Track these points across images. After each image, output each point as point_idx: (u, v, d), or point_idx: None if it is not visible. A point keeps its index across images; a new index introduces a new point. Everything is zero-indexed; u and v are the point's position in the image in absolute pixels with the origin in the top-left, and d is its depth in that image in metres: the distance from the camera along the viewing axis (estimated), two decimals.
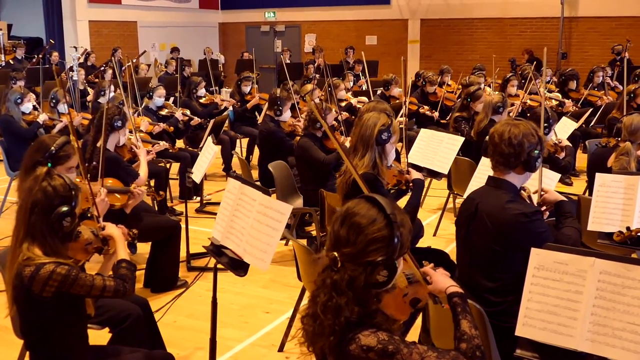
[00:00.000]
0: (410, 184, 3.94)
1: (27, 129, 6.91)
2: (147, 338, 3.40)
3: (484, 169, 4.51)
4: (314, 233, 5.81)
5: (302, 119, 6.63)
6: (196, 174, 5.22)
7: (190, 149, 7.73)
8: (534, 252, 2.44)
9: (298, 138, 5.44)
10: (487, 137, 3.11)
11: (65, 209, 2.51)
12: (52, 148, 3.34)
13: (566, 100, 8.74)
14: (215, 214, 6.68)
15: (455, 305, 2.07)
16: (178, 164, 7.55)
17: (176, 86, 12.15)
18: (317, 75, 10.61)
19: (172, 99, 8.87)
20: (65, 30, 14.45)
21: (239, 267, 3.19)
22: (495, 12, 15.01)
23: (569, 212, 3.09)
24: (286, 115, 6.16)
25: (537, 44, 14.52)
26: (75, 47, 12.29)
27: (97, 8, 14.77)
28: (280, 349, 4.08)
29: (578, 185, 7.66)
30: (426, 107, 8.84)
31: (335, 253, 1.88)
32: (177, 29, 16.57)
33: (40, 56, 12.42)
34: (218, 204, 7.29)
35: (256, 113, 9.27)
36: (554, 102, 8.54)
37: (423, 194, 5.16)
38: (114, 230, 2.81)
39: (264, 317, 4.57)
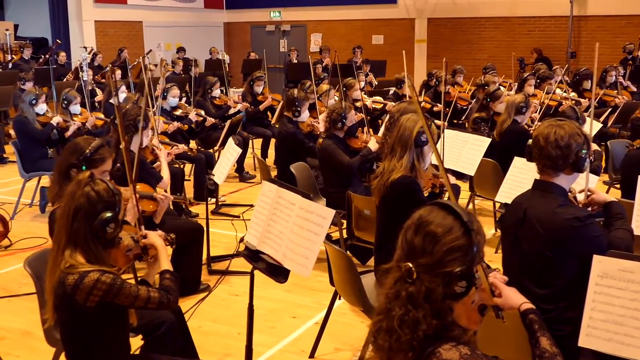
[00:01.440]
0: (445, 189, 3.86)
1: (41, 131, 6.82)
2: (181, 346, 3.31)
3: (517, 171, 4.44)
4: (334, 236, 5.73)
5: (320, 119, 6.56)
6: (218, 176, 5.14)
7: (202, 149, 7.65)
8: (597, 259, 2.36)
9: (321, 140, 5.34)
10: (531, 141, 3.02)
11: (109, 214, 2.43)
12: (87, 151, 3.26)
13: (582, 100, 8.66)
14: (231, 215, 6.72)
15: (532, 322, 1.99)
16: (189, 165, 7.49)
17: (184, 86, 12.12)
18: (328, 75, 10.49)
19: (184, 99, 8.78)
20: (71, 31, 14.36)
21: (279, 273, 3.11)
22: (503, 11, 14.93)
23: (620, 213, 3.01)
24: (304, 115, 6.08)
25: (546, 43, 14.45)
26: (85, 47, 12.19)
27: (102, 8, 14.68)
28: (312, 355, 4.00)
29: (598, 187, 7.56)
30: (440, 106, 8.75)
31: (410, 264, 1.79)
32: (182, 29, 16.48)
33: (47, 56, 12.33)
34: (233, 205, 7.27)
35: (268, 113, 9.19)
36: (570, 102, 8.45)
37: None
38: (156, 239, 2.72)
39: (291, 322, 4.49)
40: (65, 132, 7.07)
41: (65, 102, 7.25)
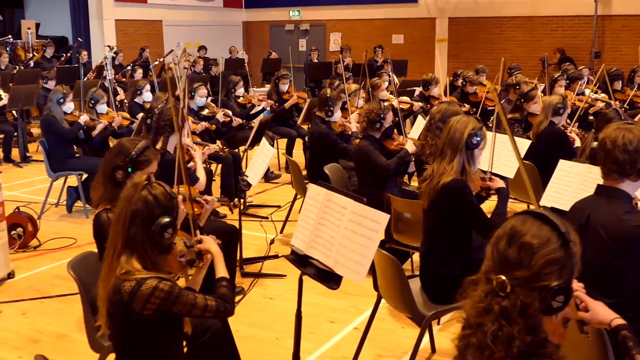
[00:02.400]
0: (491, 191, 3.76)
1: (69, 130, 6.77)
2: (226, 354, 3.23)
3: (562, 174, 4.32)
4: None
5: (352, 119, 6.47)
6: (252, 177, 5.05)
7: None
8: None
9: (357, 140, 5.25)
10: (596, 143, 2.92)
11: (167, 219, 2.35)
12: (133, 153, 3.18)
13: (612, 102, 8.50)
14: (260, 217, 6.64)
15: (626, 339, 1.89)
16: (214, 165, 7.40)
17: (205, 85, 12.04)
18: (352, 75, 10.40)
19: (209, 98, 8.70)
20: (92, 29, 14.37)
21: (330, 279, 3.01)
22: (526, 11, 14.77)
23: None
24: (337, 115, 5.98)
25: (569, 43, 14.29)
26: (109, 46, 12.17)
27: (123, 7, 14.68)
28: None
29: None
30: (467, 106, 8.65)
31: (503, 277, 1.69)
32: (202, 28, 16.45)
33: (69, 55, 12.30)
34: (260, 206, 7.19)
35: (294, 112, 9.11)
36: (601, 104, 8.31)
37: None
38: (212, 245, 2.63)
39: (330, 327, 4.40)
40: (92, 132, 7.01)
41: (92, 102, 7.19)
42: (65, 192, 7.08)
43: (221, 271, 2.59)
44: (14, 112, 9.85)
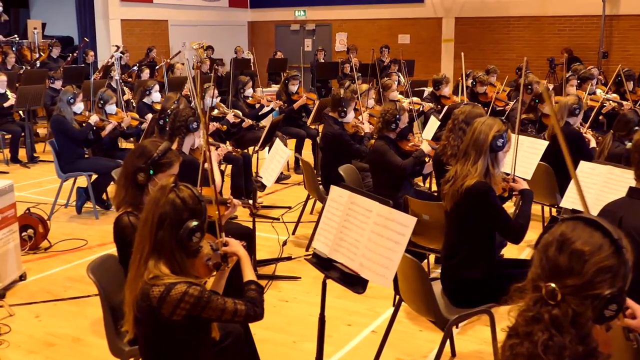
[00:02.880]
0: (514, 193, 3.71)
1: (80, 130, 6.73)
2: (247, 359, 3.18)
3: (583, 175, 4.26)
4: None
5: (364, 119, 6.42)
6: (267, 178, 5.00)
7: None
8: None
9: (373, 141, 5.20)
10: (630, 144, 2.86)
11: (195, 223, 2.30)
12: (155, 155, 3.13)
13: (624, 102, 8.44)
14: (271, 218, 6.59)
15: None
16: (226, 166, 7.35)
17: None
18: (361, 75, 10.34)
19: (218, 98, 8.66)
20: (98, 29, 14.32)
21: (355, 283, 2.96)
22: (533, 11, 14.70)
23: None
24: (350, 116, 5.92)
25: (577, 43, 14.22)
26: (117, 46, 12.11)
27: (129, 7, 14.64)
28: None
29: None
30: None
31: (553, 284, 1.64)
32: (207, 28, 16.41)
33: (75, 55, 12.26)
34: (270, 207, 7.14)
35: (302, 113, 9.06)
36: (612, 104, 8.25)
37: None
38: (238, 247, 2.58)
39: (347, 330, 4.34)
40: (101, 132, 6.97)
41: (102, 102, 7.14)
42: (75, 193, 7.02)
43: (249, 274, 2.53)
44: (20, 112, 9.81)
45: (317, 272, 5.28)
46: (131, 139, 8.01)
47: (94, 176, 6.85)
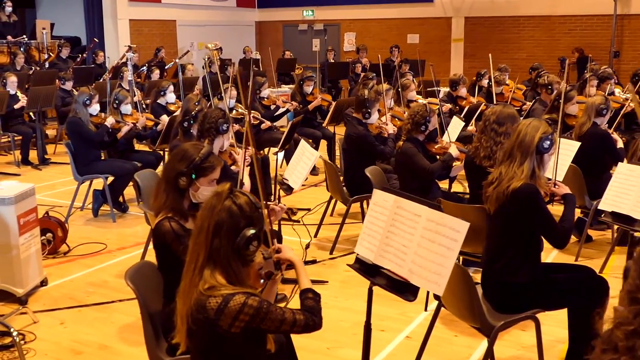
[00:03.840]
0: (556, 197, 3.62)
1: (96, 132, 6.63)
2: None
3: (622, 177, 4.19)
4: None
5: (387, 120, 6.32)
6: (294, 180, 4.91)
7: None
8: None
9: (401, 142, 5.10)
10: None
11: (252, 231, 2.20)
12: (197, 159, 3.03)
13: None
14: (292, 220, 6.48)
15: None
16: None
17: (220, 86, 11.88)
18: (375, 75, 10.20)
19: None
20: (106, 29, 14.23)
21: (405, 290, 2.86)
22: (543, 10, 14.61)
23: None
24: (374, 117, 5.83)
25: (587, 42, 14.12)
26: (130, 46, 12.02)
27: (137, 7, 14.55)
28: None
29: None
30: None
31: None
32: (215, 28, 16.33)
33: (85, 55, 12.15)
34: (289, 209, 7.03)
35: (317, 114, 8.97)
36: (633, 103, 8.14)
37: None
38: (292, 254, 2.48)
39: (381, 335, 4.25)
40: (117, 134, 6.87)
41: (117, 102, 7.05)
42: (91, 196, 6.93)
43: (305, 282, 2.44)
44: (31, 113, 9.71)
45: (343, 275, 5.25)
46: (144, 141, 7.89)
47: (110, 178, 6.76)
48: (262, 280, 2.40)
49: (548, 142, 3.34)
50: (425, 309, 4.61)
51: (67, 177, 8.49)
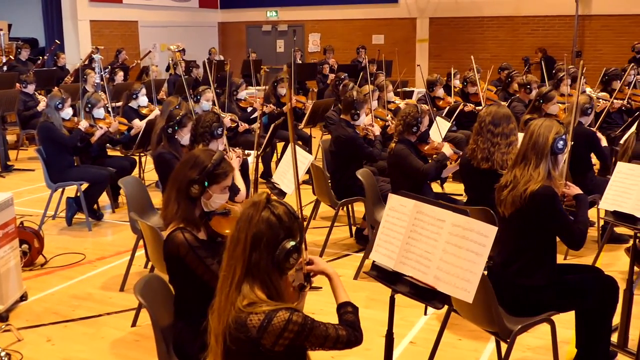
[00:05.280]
0: (566, 198, 3.58)
1: (69, 137, 6.36)
2: None
3: (622, 177, 4.16)
4: None
5: (373, 121, 6.25)
6: (287, 185, 4.78)
7: None
8: None
9: (393, 144, 5.02)
10: None
11: (292, 243, 2.08)
12: (209, 165, 2.88)
13: (615, 101, 8.48)
14: None
15: None
16: None
17: (188, 88, 11.66)
18: (347, 75, 10.13)
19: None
20: (66, 31, 13.78)
21: (432, 297, 2.77)
22: (507, 11, 14.79)
23: None
24: (362, 118, 5.74)
25: (550, 43, 14.35)
26: (97, 48, 11.64)
27: (98, 7, 14.15)
28: None
29: None
30: (471, 106, 8.55)
31: None
32: (178, 29, 16.03)
33: (46, 58, 11.74)
34: None
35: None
36: (605, 102, 8.27)
37: None
38: (326, 266, 2.36)
39: (384, 342, 4.14)
40: (90, 138, 6.62)
41: (89, 106, 6.80)
42: (64, 204, 6.66)
43: (343, 295, 2.32)
44: None
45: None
46: (117, 145, 7.64)
47: (85, 185, 6.50)
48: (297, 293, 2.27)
49: (562, 142, 3.31)
50: (425, 313, 4.55)
51: (34, 185, 8.18)
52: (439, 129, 5.89)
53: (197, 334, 2.85)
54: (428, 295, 2.82)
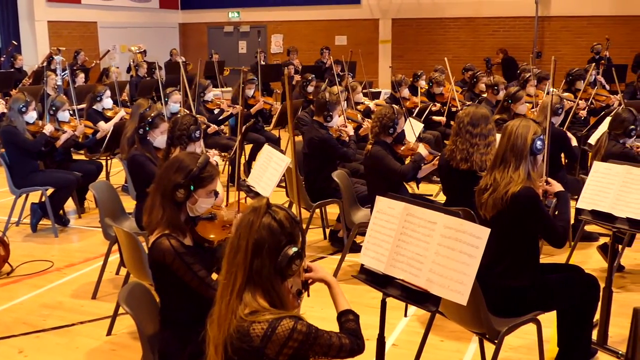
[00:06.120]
0: (549, 195, 3.60)
1: (33, 142, 6.14)
2: None
3: (600, 176, 4.21)
4: None
5: (345, 122, 6.22)
6: (263, 188, 4.70)
7: None
8: None
9: (370, 146, 5.00)
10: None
11: (294, 249, 2.02)
12: (195, 169, 2.79)
13: (580, 101, 8.63)
14: None
15: None
16: None
17: (151, 90, 11.48)
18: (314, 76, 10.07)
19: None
20: (22, 32, 13.40)
21: (424, 300, 2.74)
22: (468, 12, 14.96)
23: None
24: (335, 120, 5.71)
25: (511, 43, 14.57)
26: (59, 49, 11.33)
27: (56, 8, 13.79)
28: None
29: None
30: (438, 105, 8.62)
31: None
32: (138, 30, 15.76)
33: (2, 59, 11.39)
34: None
35: (259, 118, 8.76)
36: (570, 103, 8.41)
37: None
38: (325, 274, 2.31)
39: (367, 345, 4.09)
40: (55, 142, 6.43)
41: (53, 109, 6.60)
42: (28, 209, 6.45)
43: (343, 303, 2.28)
44: None
45: (316, 284, 5.08)
46: (82, 149, 7.45)
47: (50, 190, 6.31)
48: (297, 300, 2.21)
49: (540, 142, 3.32)
50: (405, 315, 4.53)
51: None
52: (413, 129, 5.89)
53: (185, 343, 2.78)
54: (420, 298, 2.80)
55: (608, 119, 6.16)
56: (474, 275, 2.65)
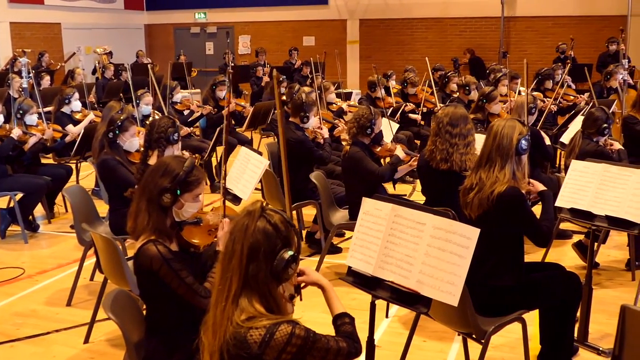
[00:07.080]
0: (532, 195, 3.63)
1: (1, 146, 5.99)
2: None
3: (577, 174, 4.26)
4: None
5: (321, 124, 6.19)
6: (242, 190, 4.65)
7: None
8: None
9: (347, 147, 4.98)
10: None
11: (290, 253, 1.98)
12: (181, 173, 2.73)
13: (546, 100, 8.76)
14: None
15: None
16: None
17: (118, 92, 11.31)
18: (285, 77, 10.04)
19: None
20: None
21: (414, 302, 2.73)
22: (435, 12, 15.07)
23: None
24: (312, 121, 5.67)
25: (478, 44, 14.72)
26: (24, 51, 11.06)
27: (18, 9, 13.46)
28: None
29: None
30: (412, 105, 8.66)
31: None
32: (103, 31, 15.48)
33: None
34: None
35: (231, 119, 8.67)
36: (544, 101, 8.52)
37: None
38: (319, 277, 2.28)
39: None
40: (23, 146, 6.27)
41: (21, 112, 6.44)
42: None
43: (338, 306, 2.25)
44: None
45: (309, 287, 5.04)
46: (51, 153, 7.28)
47: (19, 195, 6.15)
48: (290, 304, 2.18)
49: (525, 143, 3.34)
50: (387, 316, 4.52)
51: None
52: (391, 129, 5.90)
53: (172, 350, 2.72)
54: (410, 300, 2.78)
55: (580, 118, 6.28)
56: (464, 275, 2.64)
